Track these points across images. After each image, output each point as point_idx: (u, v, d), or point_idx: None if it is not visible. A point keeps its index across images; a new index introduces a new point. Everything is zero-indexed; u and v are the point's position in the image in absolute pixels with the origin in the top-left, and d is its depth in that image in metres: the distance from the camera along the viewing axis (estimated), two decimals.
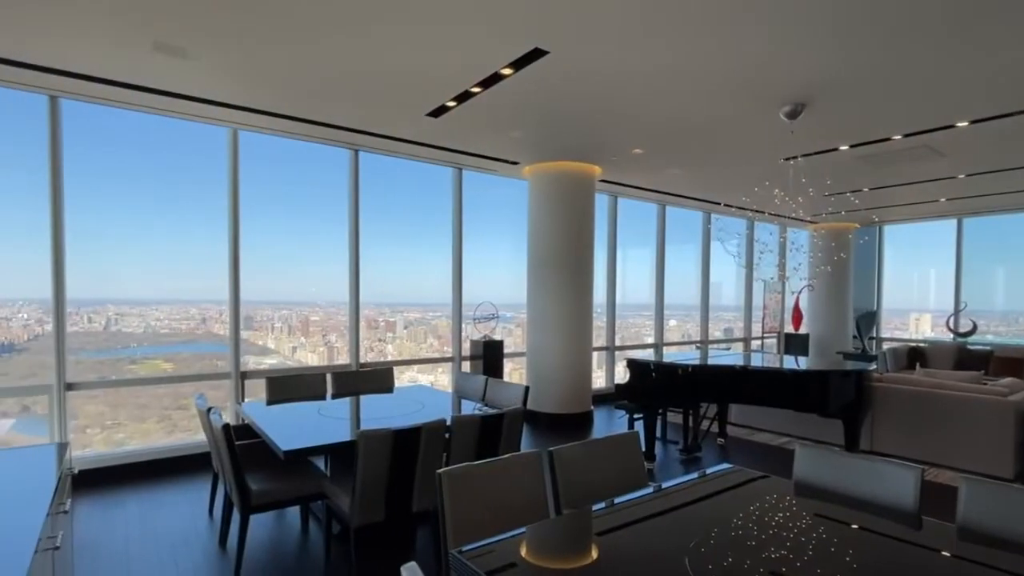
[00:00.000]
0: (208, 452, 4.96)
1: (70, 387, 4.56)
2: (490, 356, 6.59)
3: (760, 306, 11.03)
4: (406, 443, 2.93)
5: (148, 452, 4.91)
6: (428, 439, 3.00)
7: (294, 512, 3.93)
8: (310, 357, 6.42)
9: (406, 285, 6.82)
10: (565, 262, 6.59)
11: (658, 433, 5.94)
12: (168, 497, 4.25)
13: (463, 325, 6.92)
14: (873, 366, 6.64)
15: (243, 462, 3.12)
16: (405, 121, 4.99)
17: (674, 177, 7.25)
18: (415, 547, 3.46)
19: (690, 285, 9.82)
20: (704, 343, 9.86)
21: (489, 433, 3.30)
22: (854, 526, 1.91)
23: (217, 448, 3.23)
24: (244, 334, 5.57)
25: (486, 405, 4.23)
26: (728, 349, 9.63)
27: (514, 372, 7.65)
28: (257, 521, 3.70)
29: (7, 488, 2.27)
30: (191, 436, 5.27)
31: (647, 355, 7.72)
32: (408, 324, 7.11)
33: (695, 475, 2.46)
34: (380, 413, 3.81)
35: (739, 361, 5.40)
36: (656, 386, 5.13)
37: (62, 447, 2.77)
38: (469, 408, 4.08)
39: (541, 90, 4.18)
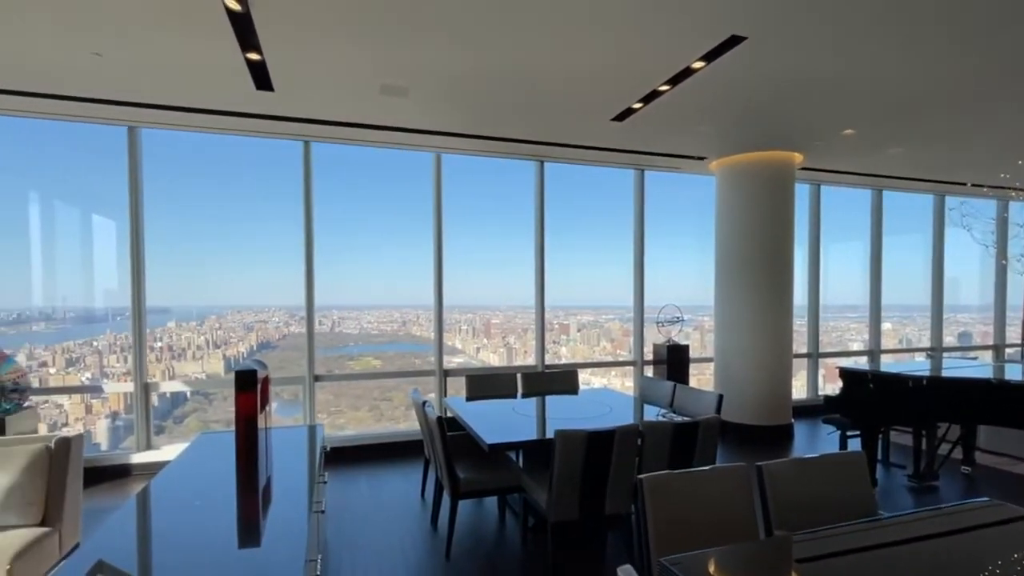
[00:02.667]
0: (416, 440, 5.62)
1: (317, 379, 5.55)
2: (674, 361, 6.33)
3: (1020, 306, 8.86)
4: (599, 445, 2.97)
5: (369, 437, 5.68)
6: (621, 443, 3.00)
7: (490, 501, 4.23)
8: (491, 357, 6.85)
9: (579, 288, 6.90)
10: (760, 259, 6.06)
11: (879, 455, 5.13)
12: (387, 477, 4.89)
13: (644, 328, 6.77)
14: None
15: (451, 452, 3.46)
16: (589, 128, 5.07)
17: (894, 158, 6.21)
18: (606, 548, 3.48)
19: (913, 282, 8.29)
20: (938, 350, 8.25)
21: (683, 441, 3.19)
22: None
23: (431, 438, 3.62)
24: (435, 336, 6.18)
25: (674, 412, 4.09)
26: (975, 358, 7.91)
27: (698, 378, 7.25)
28: (460, 506, 4.07)
29: (287, 459, 2.85)
30: (394, 425, 6.00)
31: (856, 363, 6.72)
32: (581, 327, 7.18)
33: (936, 507, 2.07)
34: (569, 414, 3.91)
35: (993, 373, 4.41)
36: (877, 400, 4.43)
37: (314, 428, 3.37)
38: (652, 414, 3.98)
39: (735, 79, 3.92)
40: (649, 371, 6.70)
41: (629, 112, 4.58)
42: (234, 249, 5.88)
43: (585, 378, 6.81)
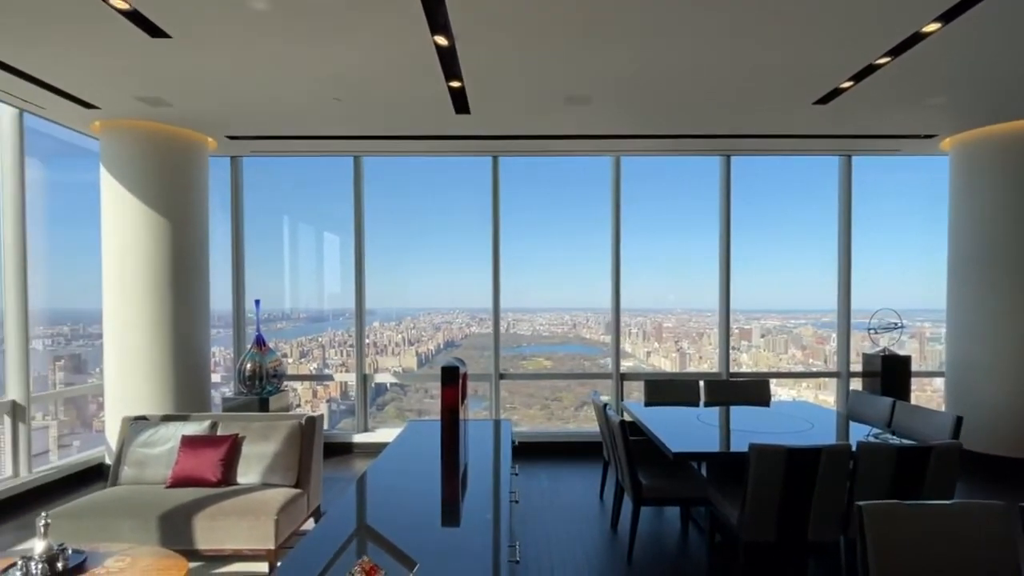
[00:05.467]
0: (588, 441, 5.70)
1: (502, 376, 5.93)
2: (892, 374, 5.42)
3: None
4: (802, 464, 2.70)
5: (543, 434, 5.87)
6: (829, 463, 2.69)
7: (672, 511, 4.10)
8: (663, 362, 6.62)
9: (765, 290, 6.32)
10: (1013, 255, 4.94)
11: None
12: (565, 475, 5.02)
13: (850, 335, 5.96)
14: None
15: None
16: (784, 116, 4.62)
17: None
18: None
19: None
20: None
21: (909, 468, 2.75)
22: None
23: (612, 441, 3.65)
24: (606, 338, 6.15)
25: (892, 433, 3.54)
26: None
27: (917, 395, 6.15)
28: (641, 512, 4.01)
29: (479, 449, 3.11)
30: (564, 425, 6.11)
31: None
32: (765, 332, 6.57)
33: None
34: (761, 427, 3.62)
35: None
36: None
37: (499, 423, 3.61)
38: (861, 433, 3.50)
39: (983, 38, 3.26)
40: (856, 384, 5.88)
41: (836, 93, 4.08)
42: (426, 258, 6.60)
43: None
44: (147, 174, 4.76)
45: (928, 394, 6.12)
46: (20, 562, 2.28)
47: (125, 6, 2.81)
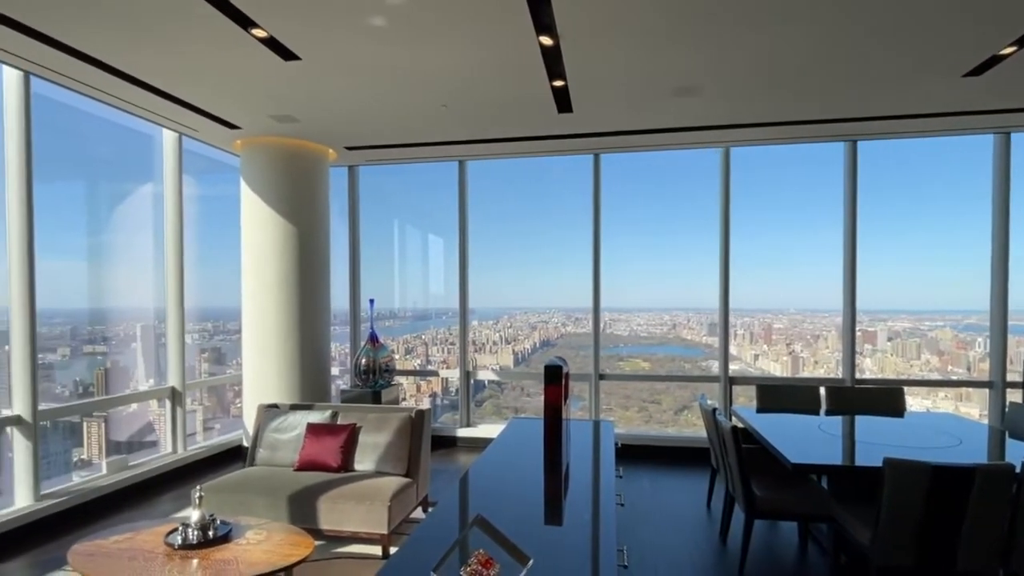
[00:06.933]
0: (690, 447, 5.48)
1: (602, 377, 5.87)
2: None
3: None
4: (950, 483, 2.40)
5: (642, 437, 5.71)
6: (986, 485, 2.37)
7: (787, 525, 3.82)
8: (772, 366, 6.19)
9: (893, 289, 5.67)
10: None
11: None
12: (669, 481, 4.85)
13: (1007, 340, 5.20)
14: None
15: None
16: (923, 92, 4.12)
17: None
18: None
19: None
20: None
21: None
22: None
23: (722, 448, 3.47)
24: (709, 340, 5.85)
25: None
26: None
27: None
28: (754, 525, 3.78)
29: (579, 449, 3.09)
30: (663, 428, 5.90)
31: None
32: (892, 335, 5.91)
33: None
34: (896, 440, 3.27)
35: None
36: None
37: (598, 424, 3.56)
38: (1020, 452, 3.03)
39: None
40: (1015, 396, 5.12)
41: (994, 61, 3.56)
42: (524, 258, 6.71)
43: None
44: (278, 185, 5.26)
45: None
46: (180, 528, 2.65)
47: (264, 34, 3.13)
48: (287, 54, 3.39)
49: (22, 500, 3.84)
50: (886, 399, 4.22)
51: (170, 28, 3.10)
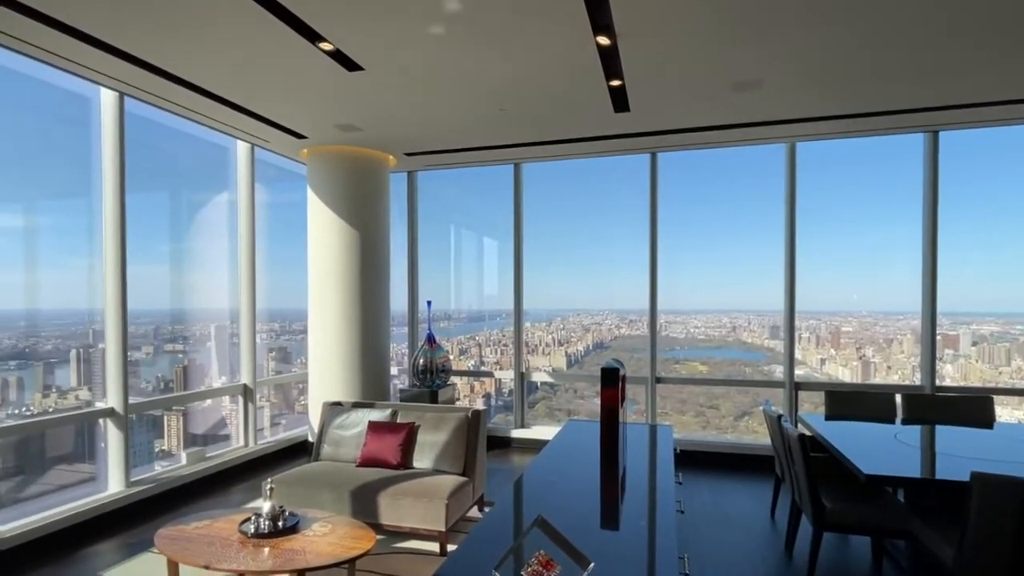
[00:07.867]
0: (752, 455, 5.28)
1: (658, 380, 5.76)
2: None
3: None
4: None
5: (700, 443, 5.54)
6: None
7: (858, 539, 3.62)
8: (840, 371, 5.87)
9: (977, 288, 5.25)
10: None
11: None
12: (730, 489, 4.70)
13: None
14: None
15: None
16: (1019, 73, 3.75)
17: None
18: None
19: None
20: None
21: None
22: None
23: (788, 456, 3.33)
24: (771, 343, 5.61)
25: None
26: None
27: None
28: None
29: (635, 453, 3.05)
30: (721, 435, 5.71)
31: None
32: (977, 340, 5.47)
33: None
34: (984, 453, 3.04)
35: None
36: None
37: (655, 428, 3.50)
38: None
39: None
40: None
41: None
42: (577, 259, 6.67)
43: None
44: (342, 191, 5.48)
45: None
46: (253, 517, 2.81)
47: (330, 47, 3.28)
48: (351, 65, 3.54)
49: (115, 486, 4.18)
50: (973, 408, 3.92)
51: (246, 47, 3.32)
